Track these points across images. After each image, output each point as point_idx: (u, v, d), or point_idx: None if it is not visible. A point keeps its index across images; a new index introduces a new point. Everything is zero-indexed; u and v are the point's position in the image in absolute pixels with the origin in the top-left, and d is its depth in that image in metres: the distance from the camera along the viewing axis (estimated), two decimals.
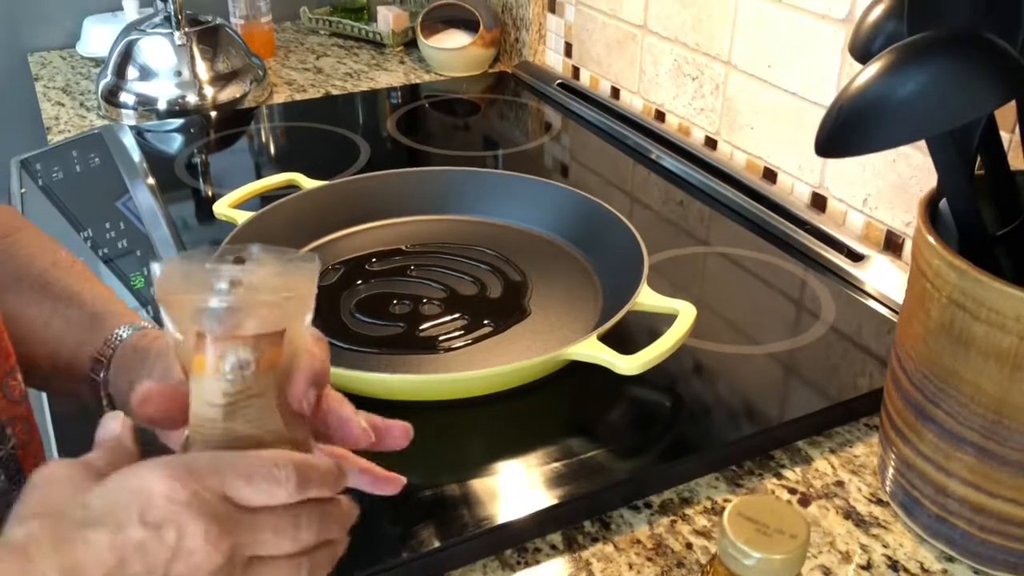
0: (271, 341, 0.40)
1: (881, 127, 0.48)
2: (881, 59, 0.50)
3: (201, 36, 1.26)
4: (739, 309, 0.83)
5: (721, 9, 1.02)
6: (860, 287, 0.85)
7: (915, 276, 0.58)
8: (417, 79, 1.41)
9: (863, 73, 0.50)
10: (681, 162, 1.08)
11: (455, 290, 0.82)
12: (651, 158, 1.11)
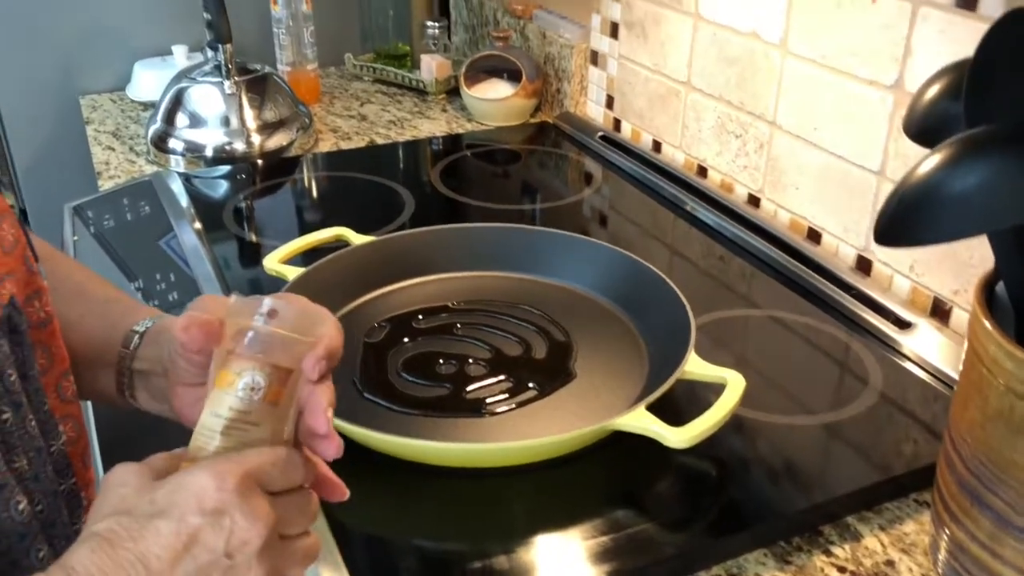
0: (281, 377, 0.46)
1: (940, 220, 0.48)
2: (942, 151, 0.50)
3: (250, 85, 1.29)
4: (784, 376, 0.82)
5: (766, 70, 1.03)
6: (907, 355, 0.84)
7: (971, 360, 0.57)
8: (459, 128, 1.42)
9: (924, 163, 0.51)
10: (722, 218, 1.08)
11: (500, 350, 0.83)
12: (691, 212, 1.11)
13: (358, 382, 0.78)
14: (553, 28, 1.42)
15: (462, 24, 1.72)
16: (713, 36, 1.10)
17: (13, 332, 0.53)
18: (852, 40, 0.91)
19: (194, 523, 0.42)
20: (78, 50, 1.54)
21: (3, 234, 0.54)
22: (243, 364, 0.45)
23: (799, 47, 0.98)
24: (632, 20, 1.25)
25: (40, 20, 1.49)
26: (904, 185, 0.51)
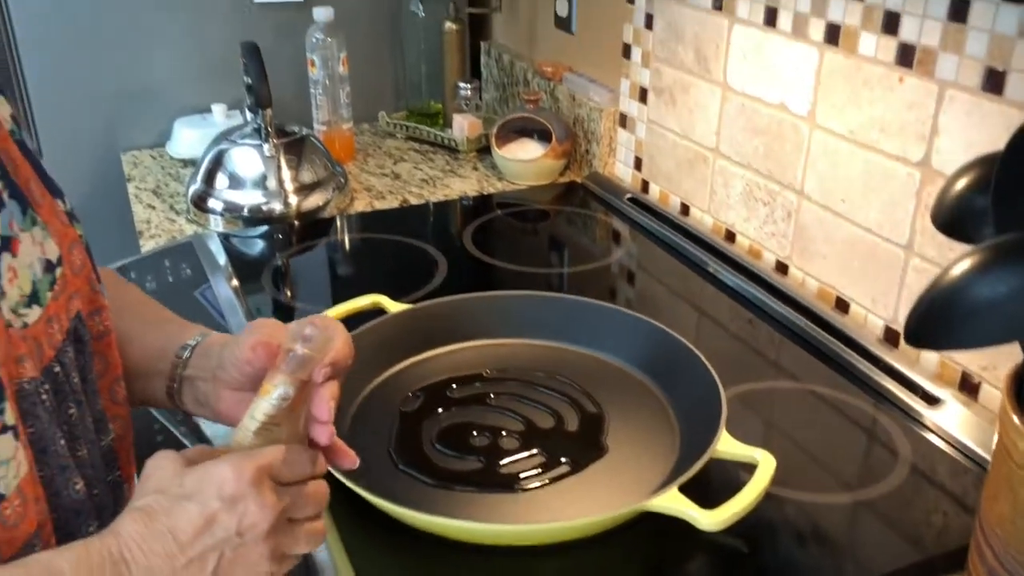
0: (303, 389, 0.58)
1: (969, 327, 0.50)
2: (972, 256, 0.52)
3: (288, 147, 1.32)
4: (813, 451, 0.83)
5: (793, 141, 1.05)
6: (935, 431, 0.85)
7: (1001, 454, 0.58)
8: (490, 187, 1.45)
9: (955, 267, 0.52)
10: (750, 284, 1.09)
11: (533, 422, 0.84)
12: (719, 277, 1.13)
13: (393, 453, 0.80)
14: (582, 91, 1.45)
15: (492, 82, 1.76)
16: (741, 106, 1.13)
17: (78, 341, 0.62)
18: (879, 116, 0.93)
19: (214, 506, 0.52)
20: (121, 107, 1.59)
21: (73, 259, 0.63)
22: (280, 379, 0.57)
23: (826, 120, 1.00)
24: (661, 86, 1.28)
25: (85, 77, 1.54)
26: (934, 288, 0.52)
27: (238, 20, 1.59)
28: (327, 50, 1.48)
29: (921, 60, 0.87)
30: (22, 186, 0.59)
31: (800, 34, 1.01)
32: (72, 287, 0.62)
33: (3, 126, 0.61)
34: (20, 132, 0.63)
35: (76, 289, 0.62)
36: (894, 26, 0.90)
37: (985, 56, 0.81)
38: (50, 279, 0.59)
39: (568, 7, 1.49)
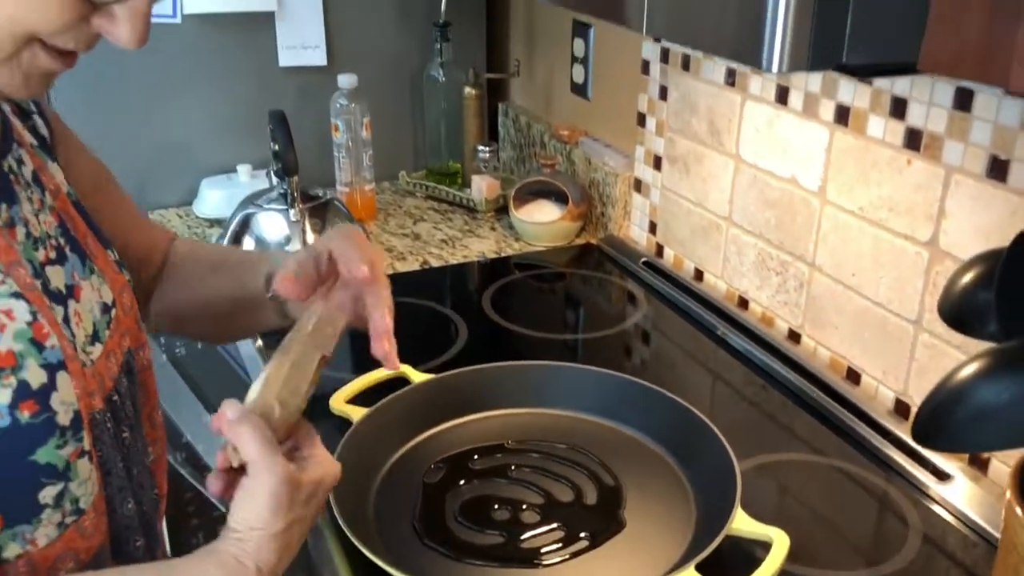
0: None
1: (973, 431, 0.52)
2: (978, 360, 0.55)
3: (312, 211, 1.36)
4: (826, 525, 0.86)
5: (804, 215, 1.08)
6: (945, 506, 0.87)
7: (1007, 547, 0.61)
8: (507, 247, 1.49)
9: (960, 371, 0.55)
10: (763, 352, 1.12)
11: (553, 495, 0.87)
12: (732, 344, 1.16)
13: (418, 527, 0.83)
14: (598, 155, 1.49)
15: (510, 142, 1.80)
16: (753, 178, 1.16)
17: (129, 373, 0.70)
18: (888, 196, 0.96)
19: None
20: (149, 166, 1.63)
21: (124, 301, 0.71)
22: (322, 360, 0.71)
23: (837, 197, 1.03)
24: (675, 155, 1.32)
25: (114, 137, 1.59)
26: (940, 390, 0.55)
27: (264, 83, 1.64)
28: (351, 115, 1.53)
29: (928, 145, 0.91)
30: (80, 241, 0.68)
31: (811, 113, 1.05)
32: (124, 326, 0.70)
33: (62, 189, 0.70)
34: (75, 193, 0.71)
35: (127, 328, 0.70)
36: (901, 111, 0.93)
37: (989, 145, 0.84)
38: (107, 319, 0.68)
39: (584, 74, 1.53)
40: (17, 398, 0.57)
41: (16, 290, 0.59)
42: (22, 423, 0.57)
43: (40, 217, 0.64)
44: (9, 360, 0.57)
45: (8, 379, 0.57)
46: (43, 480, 0.59)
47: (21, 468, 0.58)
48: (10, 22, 0.52)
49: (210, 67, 1.61)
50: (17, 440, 0.57)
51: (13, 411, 0.57)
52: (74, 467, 0.61)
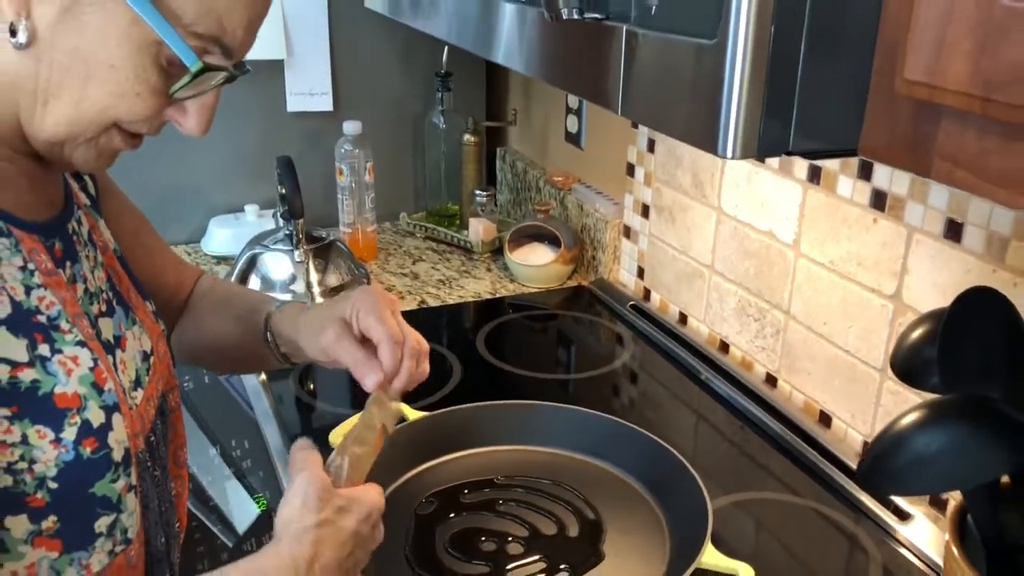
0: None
1: (910, 477, 0.59)
2: (913, 413, 0.61)
3: (316, 252, 1.43)
4: (795, 561, 0.91)
5: (780, 266, 1.15)
6: (906, 545, 0.92)
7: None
8: (502, 288, 1.55)
9: (897, 422, 0.61)
10: (742, 396, 1.18)
11: (537, 528, 0.93)
12: (713, 386, 1.22)
13: (410, 556, 0.89)
14: (590, 202, 1.56)
15: (507, 185, 1.88)
16: (734, 230, 1.23)
17: (162, 415, 0.77)
18: (856, 251, 1.03)
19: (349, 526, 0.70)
20: (160, 205, 1.70)
21: (159, 348, 0.78)
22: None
23: (810, 250, 1.10)
24: (661, 205, 1.39)
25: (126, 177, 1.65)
26: (880, 440, 0.61)
27: (273, 127, 1.71)
28: (355, 160, 1.60)
29: (892, 206, 0.98)
30: (124, 295, 0.76)
31: (786, 172, 1.12)
32: (160, 372, 0.77)
33: (109, 246, 0.78)
34: (120, 249, 0.79)
35: (162, 373, 0.78)
36: (868, 173, 1.00)
37: (946, 208, 0.91)
38: (147, 366, 0.75)
39: (578, 124, 1.61)
40: (81, 435, 0.63)
41: (81, 339, 0.65)
42: (84, 458, 0.63)
43: (94, 273, 0.72)
44: (75, 402, 0.63)
45: (74, 418, 0.63)
46: (99, 511, 0.65)
47: (82, 499, 0.64)
48: (102, 112, 0.61)
49: (222, 111, 1.66)
50: (80, 473, 0.63)
51: (77, 447, 0.63)
52: (124, 500, 0.67)
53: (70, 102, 0.61)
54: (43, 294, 0.64)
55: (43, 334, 0.63)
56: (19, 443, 0.60)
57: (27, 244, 0.64)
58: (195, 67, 0.61)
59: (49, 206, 0.69)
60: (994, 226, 0.87)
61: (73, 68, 0.60)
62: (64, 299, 0.66)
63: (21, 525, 0.61)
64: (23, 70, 0.60)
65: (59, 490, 0.62)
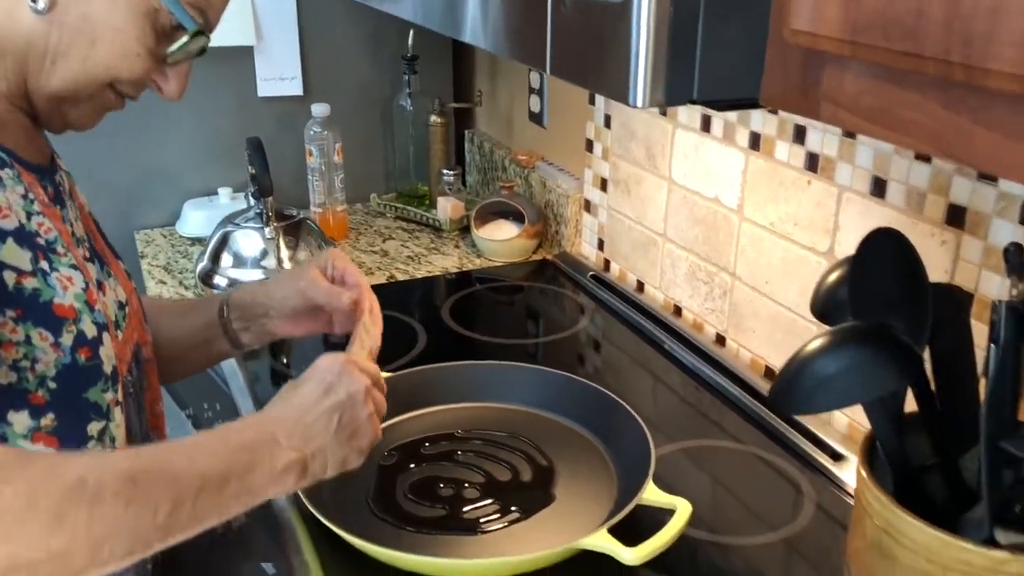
0: None
1: (809, 397, 0.64)
2: (819, 340, 0.66)
3: (287, 229, 1.48)
4: (732, 499, 0.97)
5: (725, 231, 1.21)
6: (839, 484, 0.98)
7: (857, 499, 0.72)
8: (469, 263, 1.61)
9: (803, 349, 0.67)
10: (694, 356, 1.24)
11: (493, 475, 0.98)
12: (667, 348, 1.27)
13: (372, 503, 0.94)
14: (552, 178, 1.62)
15: (475, 166, 1.93)
16: (684, 198, 1.29)
17: (138, 364, 0.83)
18: (793, 212, 1.09)
19: (328, 379, 0.76)
20: (136, 189, 1.75)
21: (133, 302, 0.84)
22: None
23: (752, 214, 1.16)
24: (618, 178, 1.44)
25: (103, 162, 1.70)
26: (787, 366, 0.67)
27: (244, 112, 1.76)
28: (324, 141, 1.65)
29: (824, 167, 1.04)
30: (100, 251, 0.82)
31: (729, 139, 1.18)
32: (133, 323, 0.83)
33: (85, 207, 0.85)
34: (93, 213, 0.87)
35: (136, 324, 0.84)
36: (802, 137, 1.06)
37: (871, 167, 0.97)
38: (122, 314, 0.81)
39: (540, 104, 1.66)
40: (77, 343, 0.70)
41: (75, 263, 0.73)
42: (79, 364, 0.70)
43: (77, 223, 0.79)
44: (71, 313, 0.70)
45: (71, 327, 0.70)
46: (91, 415, 0.72)
47: (77, 402, 0.71)
48: (106, 71, 0.71)
49: (194, 97, 1.71)
50: (75, 377, 0.70)
51: (74, 353, 0.70)
52: (113, 411, 0.74)
53: (78, 61, 0.70)
54: (42, 220, 0.71)
55: (43, 253, 0.70)
56: (23, 343, 0.67)
57: (27, 178, 0.72)
58: (193, 28, 0.72)
59: (41, 158, 0.77)
60: (913, 181, 0.93)
61: (83, 31, 0.69)
62: (60, 229, 0.73)
63: (22, 421, 0.68)
64: (38, 32, 0.68)
65: (57, 390, 0.69)
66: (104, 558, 0.61)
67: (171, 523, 0.65)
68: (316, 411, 0.75)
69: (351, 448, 0.77)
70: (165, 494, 0.64)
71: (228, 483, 0.68)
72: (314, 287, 0.91)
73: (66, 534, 0.59)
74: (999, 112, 0.46)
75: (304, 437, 0.73)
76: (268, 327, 0.96)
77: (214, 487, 0.67)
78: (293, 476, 0.73)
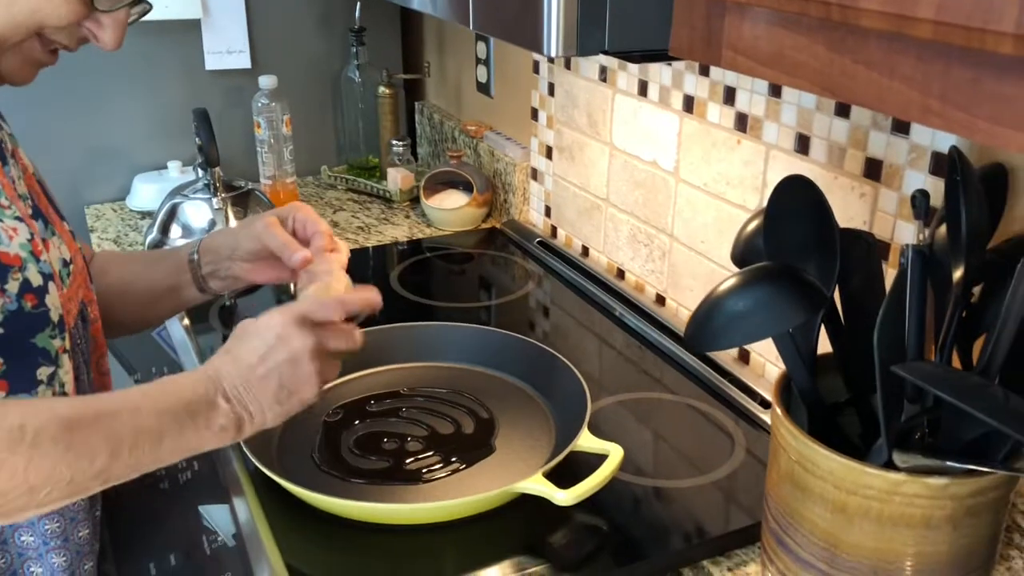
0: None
1: (722, 333, 0.68)
2: (730, 280, 0.70)
3: (235, 200, 1.49)
4: (666, 445, 1.01)
5: (664, 193, 1.24)
6: (768, 428, 1.02)
7: (772, 436, 0.76)
8: (420, 233, 1.63)
9: (717, 288, 0.70)
10: (637, 318, 1.27)
11: (435, 429, 1.01)
12: (610, 310, 1.31)
13: (316, 457, 0.96)
14: (500, 148, 1.64)
15: (426, 138, 1.95)
16: (624, 163, 1.32)
17: (83, 321, 0.85)
18: (725, 171, 1.12)
19: (270, 340, 0.76)
20: (85, 165, 1.74)
21: (78, 261, 0.85)
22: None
23: (688, 175, 1.19)
24: (563, 145, 1.47)
25: (51, 138, 1.70)
26: (699, 307, 0.70)
27: (192, 85, 1.76)
28: (272, 113, 1.66)
29: (752, 126, 1.07)
30: (44, 210, 0.83)
31: (665, 103, 1.21)
32: (78, 280, 0.84)
33: (29, 168, 0.86)
34: (39, 173, 0.88)
35: (81, 282, 0.85)
36: (732, 98, 1.09)
37: (795, 124, 1.01)
38: (67, 271, 0.82)
39: (487, 74, 1.68)
40: (23, 290, 0.72)
41: (19, 215, 0.75)
42: (25, 311, 0.73)
43: (20, 182, 0.80)
44: (17, 261, 0.73)
45: (16, 275, 0.72)
46: (40, 360, 0.74)
47: (24, 348, 0.73)
48: (30, 15, 0.71)
49: (142, 72, 1.73)
50: (23, 322, 0.72)
51: (20, 299, 0.72)
52: (61, 358, 0.76)
53: (3, 5, 0.70)
54: None
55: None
56: None
57: None
58: None
59: None
60: (834, 136, 0.97)
61: None
62: (3, 183, 0.74)
63: None
64: None
65: (4, 336, 0.71)
66: (41, 500, 0.63)
67: (108, 471, 0.67)
68: (258, 371, 0.75)
69: (291, 404, 0.78)
70: (102, 444, 0.66)
71: (164, 439, 0.70)
72: (269, 233, 0.91)
73: (3, 477, 0.61)
74: (874, 51, 0.50)
75: (244, 397, 0.75)
76: (233, 270, 0.97)
77: (151, 441, 0.69)
78: (231, 433, 0.75)
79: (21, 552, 0.79)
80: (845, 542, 0.70)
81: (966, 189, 0.67)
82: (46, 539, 0.80)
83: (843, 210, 0.96)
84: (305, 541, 0.87)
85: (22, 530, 0.79)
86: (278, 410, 0.77)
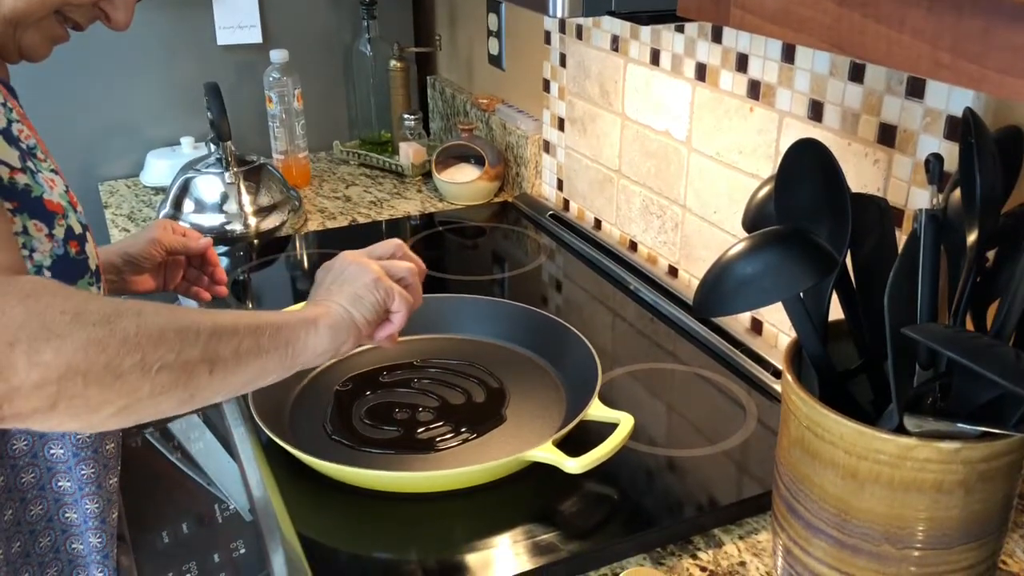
0: None
1: (731, 298, 0.67)
2: (739, 244, 0.69)
3: (247, 174, 1.49)
4: (680, 418, 1.01)
5: (676, 163, 1.23)
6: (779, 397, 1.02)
7: (783, 402, 0.76)
8: (432, 207, 1.63)
9: (726, 253, 0.70)
10: (649, 290, 1.27)
11: (446, 399, 1.01)
12: (623, 282, 1.30)
13: (327, 426, 0.97)
14: (512, 120, 1.63)
15: (438, 112, 1.94)
16: (636, 133, 1.31)
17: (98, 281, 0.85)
18: (738, 140, 1.11)
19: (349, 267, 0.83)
20: (99, 142, 1.75)
21: None
22: None
23: (700, 144, 1.18)
24: (575, 117, 1.46)
25: (65, 115, 1.71)
26: (708, 272, 0.70)
27: (204, 61, 1.76)
28: (283, 87, 1.65)
29: (764, 93, 1.06)
30: None
31: (677, 72, 1.20)
32: None
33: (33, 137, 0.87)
34: None
35: None
36: (744, 65, 1.08)
37: (809, 91, 1.00)
38: None
39: (499, 47, 1.67)
40: (67, 237, 0.75)
41: (54, 168, 0.78)
42: (70, 256, 0.75)
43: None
44: (60, 209, 0.75)
45: (61, 222, 0.74)
46: None
47: None
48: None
49: (154, 48, 1.73)
50: (67, 267, 0.74)
51: (65, 245, 0.74)
52: None
53: None
54: (21, 127, 0.75)
55: (27, 155, 0.74)
56: (21, 232, 0.71)
57: (2, 90, 0.75)
58: None
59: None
60: (848, 102, 0.95)
61: None
62: (37, 139, 0.77)
63: None
64: None
65: (52, 279, 0.71)
66: (152, 362, 0.60)
67: (212, 349, 0.64)
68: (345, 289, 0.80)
69: (378, 312, 0.82)
70: (203, 319, 0.65)
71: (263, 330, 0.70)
72: (169, 236, 1.01)
73: (116, 337, 0.59)
74: (884, 4, 0.49)
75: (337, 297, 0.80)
76: (119, 285, 1.01)
77: (251, 331, 0.68)
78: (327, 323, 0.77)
79: (51, 466, 0.81)
80: (856, 508, 0.69)
81: (980, 152, 0.66)
82: (76, 450, 0.82)
83: (857, 177, 0.95)
84: (317, 510, 0.88)
85: (52, 443, 0.81)
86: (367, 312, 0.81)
